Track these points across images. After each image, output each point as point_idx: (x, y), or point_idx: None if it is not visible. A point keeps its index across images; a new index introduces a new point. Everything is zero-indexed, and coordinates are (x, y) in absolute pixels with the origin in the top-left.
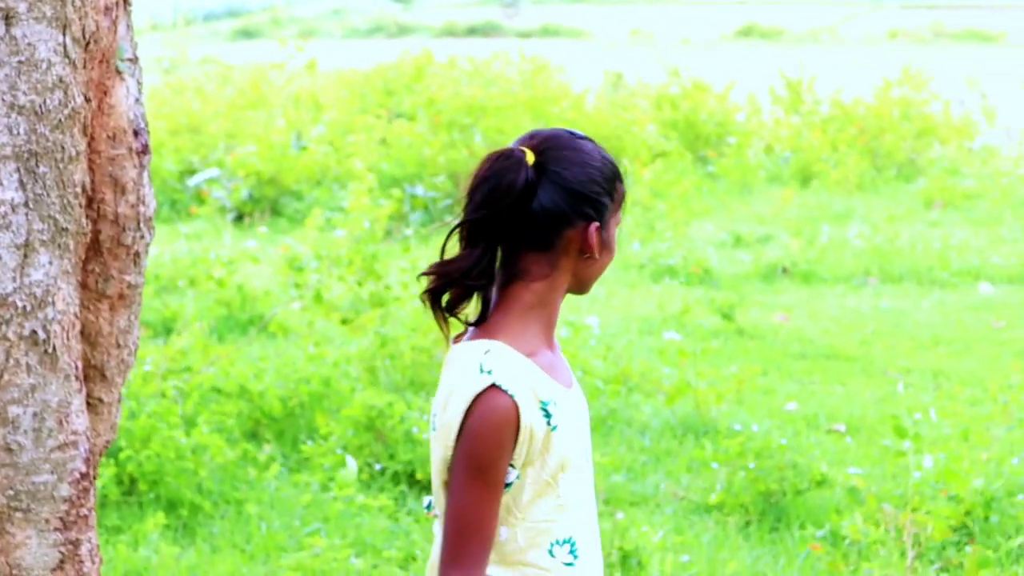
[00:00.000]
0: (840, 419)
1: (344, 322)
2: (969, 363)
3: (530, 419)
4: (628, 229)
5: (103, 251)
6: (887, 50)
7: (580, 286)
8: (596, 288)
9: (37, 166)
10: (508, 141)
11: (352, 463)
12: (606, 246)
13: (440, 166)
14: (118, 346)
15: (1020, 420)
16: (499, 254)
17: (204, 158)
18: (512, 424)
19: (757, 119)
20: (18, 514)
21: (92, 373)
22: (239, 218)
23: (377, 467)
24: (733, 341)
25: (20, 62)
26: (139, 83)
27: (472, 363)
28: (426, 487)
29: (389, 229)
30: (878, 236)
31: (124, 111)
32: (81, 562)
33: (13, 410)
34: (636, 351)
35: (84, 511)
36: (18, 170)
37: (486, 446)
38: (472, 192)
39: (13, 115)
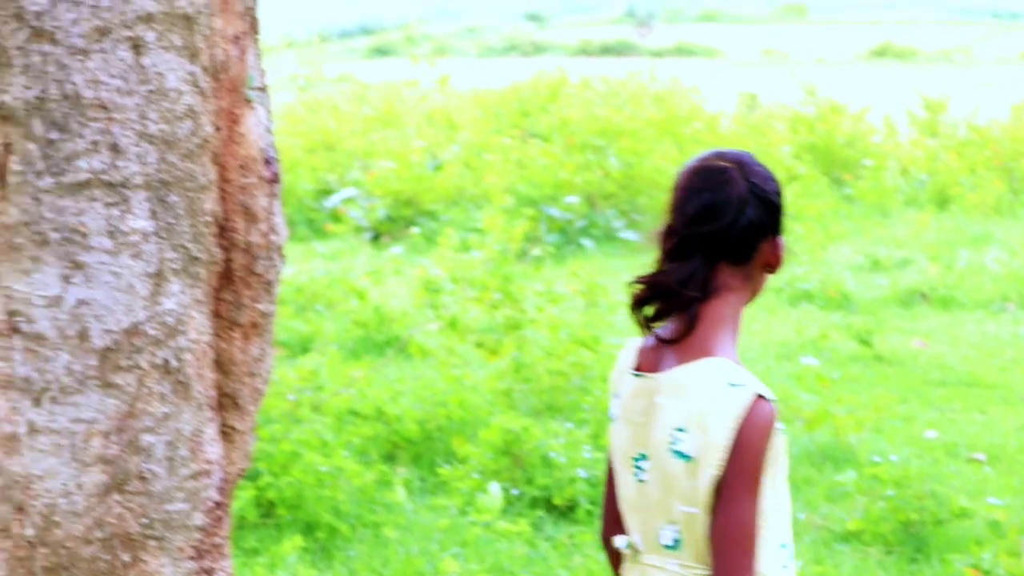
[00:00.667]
0: (980, 448)
1: (479, 345)
2: None
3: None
4: None
5: (235, 280)
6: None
7: (752, 300)
8: None
9: (168, 195)
10: (643, 162)
11: (495, 489)
12: (779, 262)
13: (575, 187)
14: (251, 375)
15: None
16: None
17: (340, 177)
18: (774, 429)
19: (893, 141)
20: (152, 542)
21: (225, 402)
22: (375, 237)
23: (514, 492)
24: (871, 367)
25: (150, 91)
26: (268, 111)
27: (716, 382)
28: (564, 513)
29: (523, 249)
30: (1016, 261)
31: (254, 140)
32: None
33: (146, 439)
34: (774, 377)
35: (218, 539)
36: (149, 199)
37: (760, 456)
38: (682, 206)
39: (143, 144)
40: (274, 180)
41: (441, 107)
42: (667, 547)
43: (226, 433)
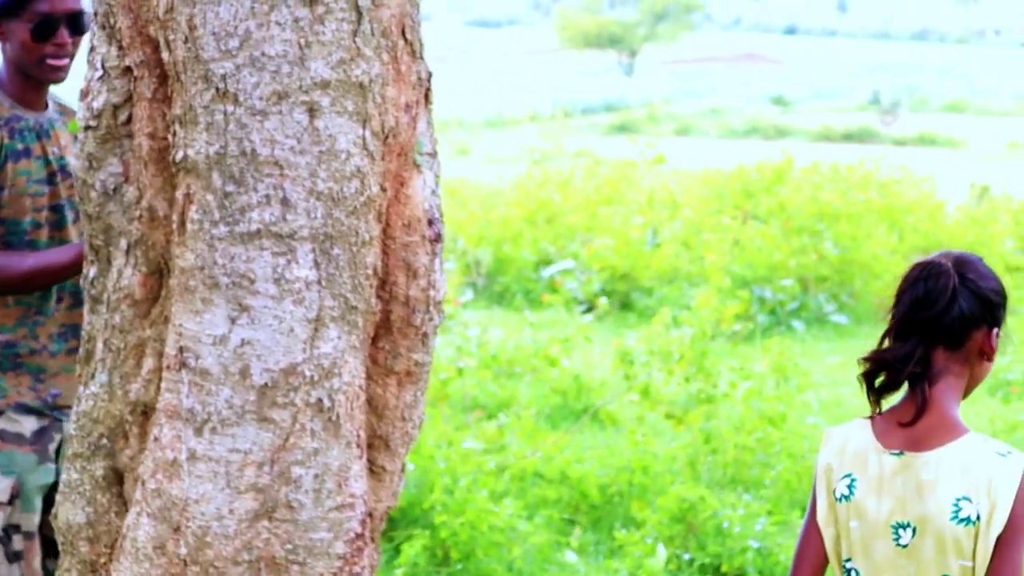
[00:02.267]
0: None
1: (669, 416)
2: None
3: None
4: None
5: (393, 330)
6: None
7: (970, 389)
8: None
9: (332, 248)
10: (860, 248)
11: (662, 551)
12: (993, 353)
13: (790, 269)
14: (403, 419)
15: None
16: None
17: (561, 249)
18: None
19: None
20: (295, 567)
21: (377, 443)
22: (588, 310)
23: (686, 557)
24: None
25: (321, 152)
26: (436, 176)
27: (989, 454)
28: None
29: (735, 330)
30: None
31: (419, 201)
32: None
33: (296, 471)
34: None
35: (357, 569)
36: (313, 250)
37: None
38: (904, 294)
39: (312, 200)
40: (436, 240)
41: (665, 186)
42: None
43: (376, 472)
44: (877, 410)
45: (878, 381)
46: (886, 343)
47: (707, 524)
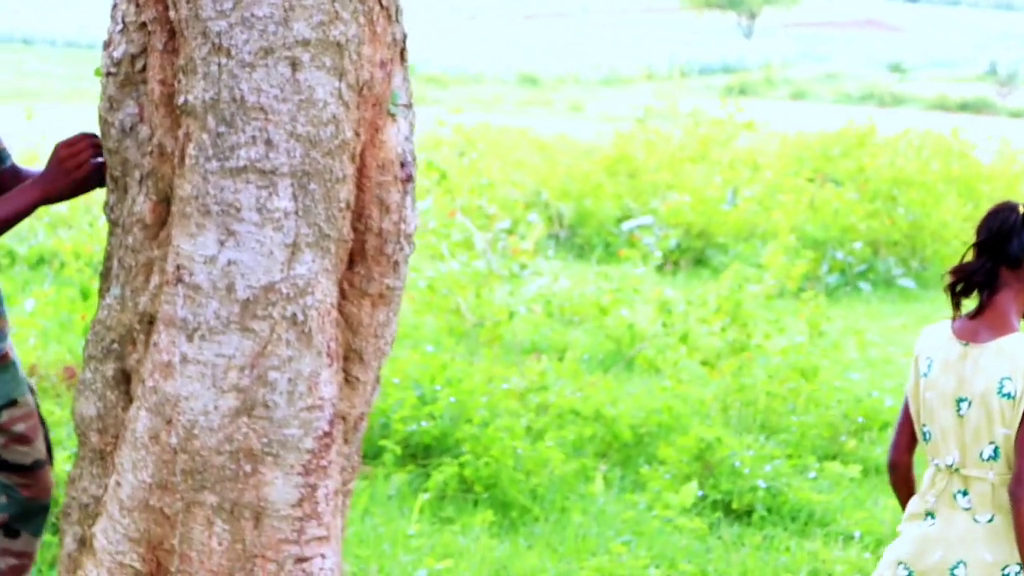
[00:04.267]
0: None
1: (705, 363)
2: None
3: None
4: None
5: (368, 258)
6: None
7: None
8: None
9: (308, 183)
10: (931, 213)
11: (693, 486)
12: None
13: (861, 233)
14: (376, 336)
15: None
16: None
17: (642, 205)
18: None
19: None
20: (269, 458)
21: (352, 356)
22: (662, 266)
23: (699, 494)
24: None
25: (301, 100)
26: (411, 124)
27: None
28: (740, 517)
29: (803, 287)
30: None
31: (393, 146)
32: (317, 503)
33: (272, 375)
34: None
35: (324, 462)
36: (292, 185)
37: None
38: (982, 223)
39: (292, 141)
40: (408, 180)
41: (748, 147)
42: (985, 460)
43: (350, 381)
44: (957, 312)
45: (957, 288)
46: (968, 258)
47: (723, 464)
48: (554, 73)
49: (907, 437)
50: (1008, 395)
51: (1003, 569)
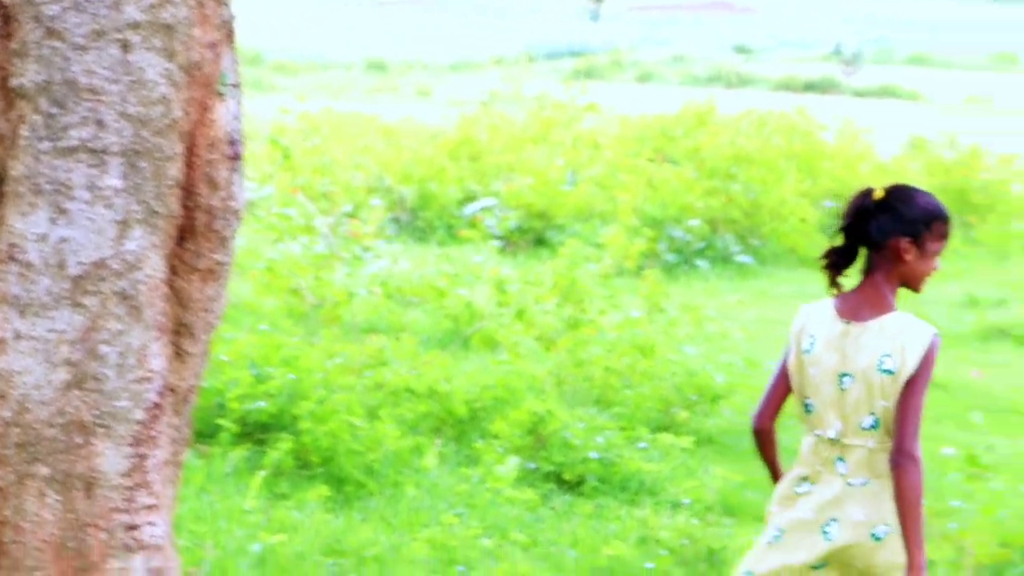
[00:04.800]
0: (996, 467)
1: (541, 340)
2: None
3: None
4: None
5: (197, 234)
6: None
7: (906, 283)
8: None
9: (138, 162)
10: (770, 191)
11: (514, 461)
12: (918, 259)
13: (699, 211)
14: (205, 310)
15: None
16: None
17: (484, 187)
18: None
19: None
20: (100, 430)
21: (182, 330)
22: (504, 247)
23: (531, 466)
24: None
25: (132, 81)
26: (239, 103)
27: (903, 325)
28: (572, 487)
29: (642, 266)
30: None
31: (222, 125)
32: (147, 472)
33: (103, 348)
34: None
35: (153, 433)
36: (122, 164)
37: (932, 369)
38: (846, 208)
39: (122, 122)
40: (236, 158)
41: (590, 130)
42: (866, 429)
43: (180, 354)
44: (835, 291)
45: (830, 269)
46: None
47: (555, 437)
48: (403, 59)
49: (773, 406)
50: (888, 371)
51: (872, 529)
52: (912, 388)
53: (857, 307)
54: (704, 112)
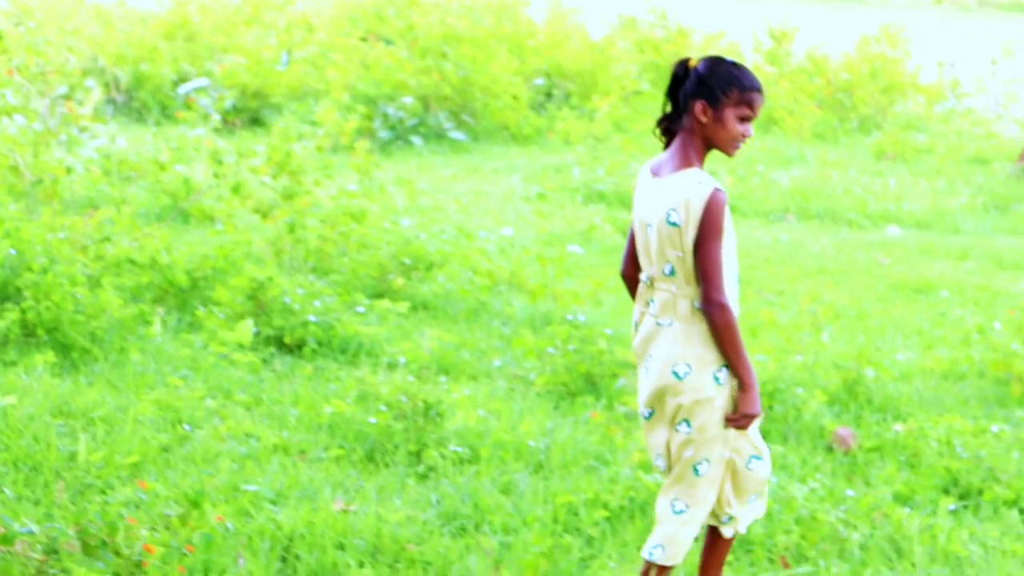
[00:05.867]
0: None
1: (258, 211)
2: (842, 291)
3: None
4: (576, 157)
5: None
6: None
7: (711, 144)
8: (523, 206)
9: None
10: (481, 69)
11: (249, 323)
12: (716, 122)
13: (412, 88)
14: None
15: (817, 328)
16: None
17: (198, 68)
18: (724, 207)
19: None
20: None
21: None
22: (220, 126)
23: (254, 331)
24: None
25: None
26: None
27: (692, 181)
28: (293, 351)
29: (358, 142)
30: (811, 179)
31: None
32: None
33: None
34: (530, 259)
35: None
36: None
37: (718, 221)
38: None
39: None
40: None
41: (302, 11)
42: (667, 275)
43: None
44: (664, 146)
45: (663, 135)
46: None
47: (275, 302)
48: None
49: (631, 255)
50: (674, 223)
51: (673, 366)
52: (701, 242)
53: (662, 164)
54: None
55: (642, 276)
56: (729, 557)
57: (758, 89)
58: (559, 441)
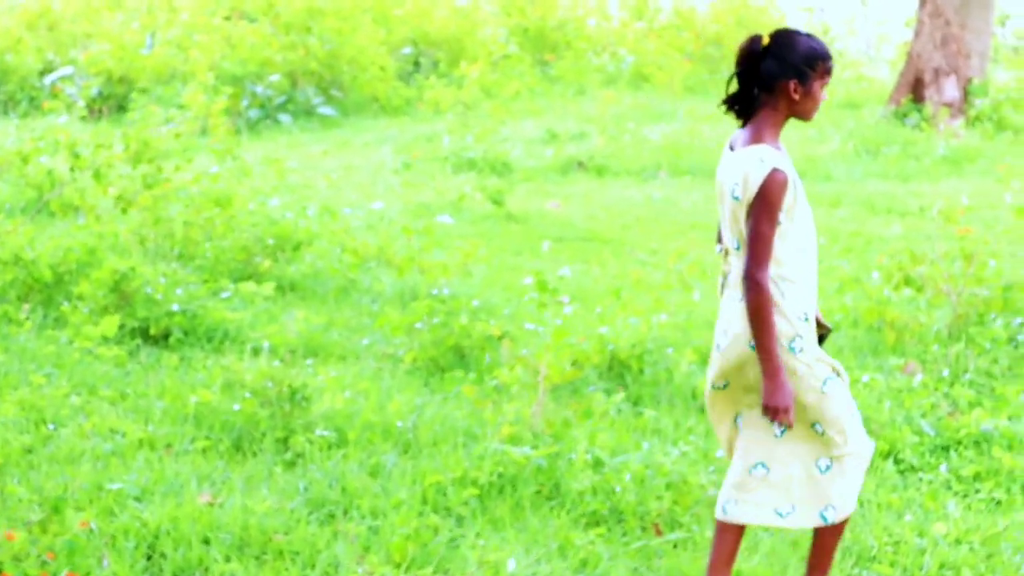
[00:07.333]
0: (568, 292)
1: (120, 199)
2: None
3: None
4: (446, 126)
5: None
6: None
7: (798, 116)
8: (393, 179)
9: None
10: (346, 41)
11: (113, 318)
12: (806, 96)
13: (278, 65)
14: None
15: (687, 287)
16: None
17: (63, 56)
18: (785, 187)
19: (609, 26)
20: None
21: None
22: (87, 114)
23: (119, 324)
24: (501, 225)
25: None
26: None
27: (752, 158)
28: (158, 341)
29: (225, 123)
30: (682, 135)
31: None
32: None
33: None
34: (399, 233)
35: None
36: None
37: (774, 200)
38: (738, 55)
39: None
40: None
41: None
42: (736, 249)
43: None
44: (742, 124)
45: (736, 115)
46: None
47: (138, 293)
48: None
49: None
50: (736, 197)
51: (750, 340)
52: (752, 216)
53: (738, 139)
54: None
55: (717, 248)
56: (601, 529)
57: (832, 55)
58: (427, 419)
